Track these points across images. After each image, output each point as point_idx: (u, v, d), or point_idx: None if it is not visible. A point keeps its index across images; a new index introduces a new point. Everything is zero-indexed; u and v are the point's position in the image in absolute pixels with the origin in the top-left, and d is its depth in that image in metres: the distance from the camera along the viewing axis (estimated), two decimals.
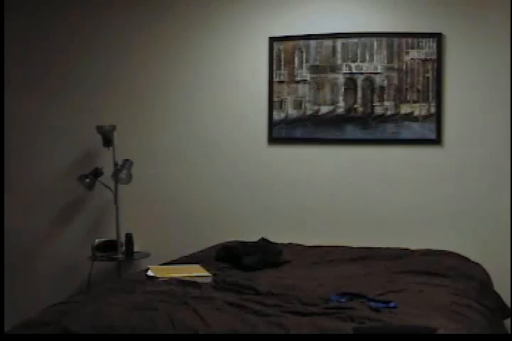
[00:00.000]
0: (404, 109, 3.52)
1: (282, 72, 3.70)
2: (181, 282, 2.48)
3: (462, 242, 3.37)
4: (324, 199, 3.66)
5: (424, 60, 3.49)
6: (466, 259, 3.19)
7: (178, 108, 3.90)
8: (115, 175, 3.74)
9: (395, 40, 3.52)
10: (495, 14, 3.37)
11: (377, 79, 3.56)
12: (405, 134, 3.52)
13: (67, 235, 4.06)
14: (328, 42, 3.62)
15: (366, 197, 3.59)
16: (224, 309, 2.08)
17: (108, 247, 3.75)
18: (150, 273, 2.67)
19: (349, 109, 3.60)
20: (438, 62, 3.47)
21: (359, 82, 3.59)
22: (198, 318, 1.95)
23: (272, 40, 3.70)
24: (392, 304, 2.13)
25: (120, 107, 3.96)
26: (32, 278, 4.09)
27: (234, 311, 2.05)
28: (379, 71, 3.55)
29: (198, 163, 3.86)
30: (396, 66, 3.53)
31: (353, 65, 3.60)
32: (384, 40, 3.53)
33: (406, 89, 3.53)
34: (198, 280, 2.53)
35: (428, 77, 3.49)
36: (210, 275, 2.66)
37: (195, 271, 2.71)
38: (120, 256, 3.75)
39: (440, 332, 1.82)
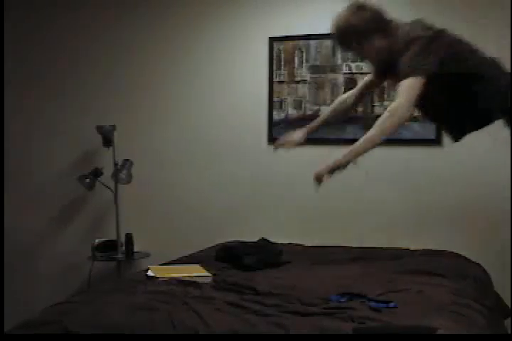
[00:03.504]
0: None
1: (282, 72, 3.70)
2: (181, 282, 2.48)
3: (462, 242, 3.37)
4: (324, 199, 3.66)
5: None
6: (466, 259, 3.19)
7: (178, 108, 3.90)
8: (115, 175, 3.74)
9: None
10: (495, 14, 3.37)
11: None
12: (405, 134, 3.52)
13: (67, 235, 4.07)
14: (328, 42, 3.62)
15: (366, 197, 3.59)
16: (224, 309, 2.08)
17: (108, 247, 3.75)
18: (150, 273, 2.67)
19: None
20: None
21: (359, 82, 3.58)
22: (198, 318, 1.95)
23: (272, 40, 3.70)
24: (392, 304, 2.13)
25: (120, 107, 3.97)
26: (32, 278, 4.09)
27: (234, 311, 2.06)
28: None
29: (198, 162, 3.86)
30: None
31: (353, 65, 3.60)
32: None
33: None
34: (198, 280, 2.53)
35: None
36: (210, 275, 2.66)
37: (195, 271, 2.71)
38: (120, 256, 3.75)
39: (440, 332, 1.82)
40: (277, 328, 1.87)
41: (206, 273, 2.68)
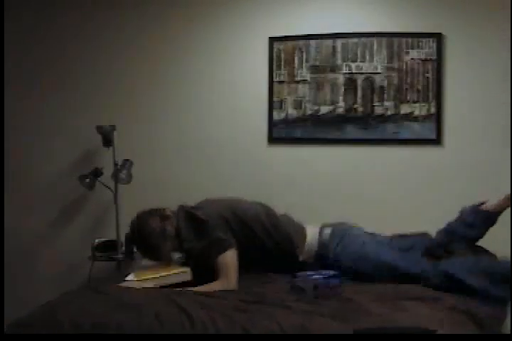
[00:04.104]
0: (404, 109, 3.53)
1: (282, 72, 3.70)
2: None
3: None
4: (324, 199, 3.66)
5: (424, 60, 3.49)
6: None
7: (178, 108, 3.90)
8: (115, 175, 3.74)
9: (395, 40, 3.52)
10: (495, 14, 3.38)
11: (377, 79, 3.56)
12: (405, 134, 3.52)
13: (67, 235, 4.06)
14: (328, 42, 3.62)
15: (366, 197, 3.59)
16: (211, 306, 2.10)
17: (108, 247, 3.75)
18: (130, 277, 2.65)
19: (349, 109, 3.60)
20: (438, 62, 3.47)
21: (359, 82, 3.59)
22: (185, 315, 1.97)
23: (272, 40, 3.70)
24: (333, 280, 2.16)
25: (120, 107, 3.96)
26: (32, 278, 4.09)
27: (220, 309, 2.08)
28: (379, 71, 3.55)
29: (197, 163, 3.86)
30: (396, 66, 3.53)
31: (353, 65, 3.60)
32: (384, 40, 3.53)
33: (406, 89, 3.53)
34: (176, 277, 2.53)
35: (428, 77, 3.49)
36: (186, 270, 2.63)
37: (173, 269, 2.69)
38: (120, 256, 3.75)
39: (440, 332, 1.82)
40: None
41: (184, 269, 2.65)
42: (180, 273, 2.60)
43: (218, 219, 2.71)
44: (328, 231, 2.81)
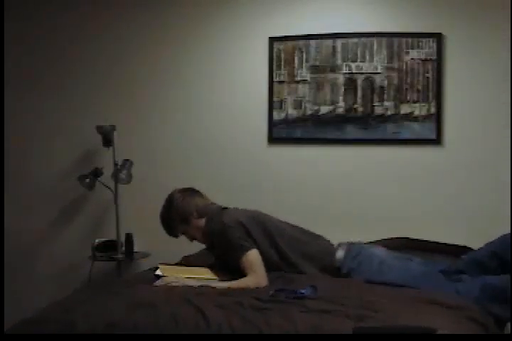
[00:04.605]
0: (404, 109, 3.52)
1: (282, 72, 3.70)
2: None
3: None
4: (324, 199, 3.66)
5: (424, 60, 3.49)
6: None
7: (178, 108, 3.90)
8: (115, 175, 3.74)
9: (395, 40, 3.52)
10: (495, 14, 3.38)
11: (377, 79, 3.56)
12: (405, 134, 3.52)
13: (67, 235, 4.06)
14: (328, 42, 3.62)
15: (366, 197, 3.59)
16: (227, 306, 2.10)
17: (108, 247, 3.76)
18: (158, 272, 2.66)
19: (349, 109, 3.60)
20: (438, 62, 3.47)
21: (359, 82, 3.59)
22: (200, 315, 1.97)
23: (272, 40, 3.70)
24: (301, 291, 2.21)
25: (120, 107, 3.96)
26: (32, 278, 4.09)
27: (236, 309, 2.07)
28: (379, 71, 3.55)
29: (197, 163, 3.86)
30: (396, 66, 3.53)
31: (353, 65, 3.60)
32: (384, 40, 3.53)
33: (406, 89, 3.53)
34: (203, 282, 2.53)
35: (428, 77, 3.49)
36: (216, 278, 2.65)
37: (203, 274, 2.70)
38: (120, 256, 3.75)
39: (440, 332, 1.82)
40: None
41: (213, 276, 2.67)
42: (208, 280, 2.61)
43: (238, 224, 2.78)
44: (342, 251, 2.83)
